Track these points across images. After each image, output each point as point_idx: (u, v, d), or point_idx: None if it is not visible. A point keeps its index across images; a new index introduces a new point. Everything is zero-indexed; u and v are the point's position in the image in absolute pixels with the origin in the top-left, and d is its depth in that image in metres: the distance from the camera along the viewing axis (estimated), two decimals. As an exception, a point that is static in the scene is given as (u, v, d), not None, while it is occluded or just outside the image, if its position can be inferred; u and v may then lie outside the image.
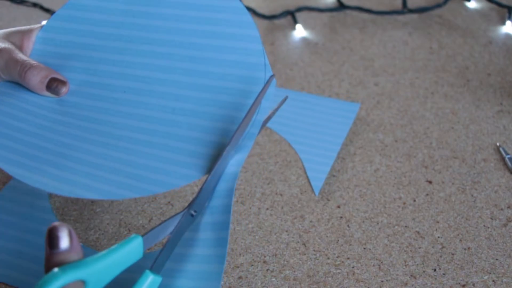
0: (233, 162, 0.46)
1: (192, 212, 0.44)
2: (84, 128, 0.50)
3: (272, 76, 0.48)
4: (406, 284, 0.52)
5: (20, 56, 0.52)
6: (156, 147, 0.47)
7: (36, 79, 0.51)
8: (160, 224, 0.43)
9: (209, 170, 0.45)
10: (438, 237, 0.57)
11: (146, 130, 0.48)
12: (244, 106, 0.47)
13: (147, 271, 0.42)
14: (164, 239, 0.44)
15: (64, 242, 0.38)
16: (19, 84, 0.53)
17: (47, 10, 0.97)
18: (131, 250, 0.40)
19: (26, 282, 0.51)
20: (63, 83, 0.52)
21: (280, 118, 0.70)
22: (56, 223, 0.38)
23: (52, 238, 0.38)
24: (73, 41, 0.54)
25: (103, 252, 0.39)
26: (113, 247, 0.39)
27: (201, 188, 0.45)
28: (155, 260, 0.42)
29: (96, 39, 0.54)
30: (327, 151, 0.65)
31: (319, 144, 0.67)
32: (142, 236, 0.41)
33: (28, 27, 0.56)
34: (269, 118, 0.51)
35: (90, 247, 0.55)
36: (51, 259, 0.37)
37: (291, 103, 0.74)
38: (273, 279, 0.53)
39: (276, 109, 0.53)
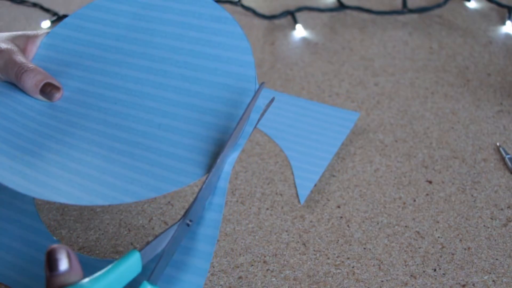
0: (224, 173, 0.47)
1: (188, 221, 0.45)
2: (68, 133, 0.51)
3: (262, 85, 0.48)
4: (406, 284, 0.52)
5: (20, 58, 0.53)
6: (135, 159, 0.48)
7: (32, 82, 0.52)
8: (156, 237, 0.43)
9: (190, 183, 0.46)
10: (438, 237, 0.57)
11: (129, 142, 0.49)
12: (229, 129, 0.48)
13: (145, 282, 0.42)
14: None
15: (63, 264, 0.38)
16: (16, 85, 0.54)
17: (47, 10, 0.97)
18: (130, 266, 0.40)
19: None
20: (57, 88, 0.53)
21: (275, 123, 0.70)
22: (54, 246, 0.38)
23: (51, 261, 0.38)
24: (75, 50, 0.56)
25: (103, 271, 0.39)
26: (112, 265, 0.39)
27: (195, 198, 0.45)
28: (153, 271, 0.43)
29: (97, 49, 0.55)
30: (319, 160, 0.65)
31: (312, 151, 0.66)
32: (140, 251, 0.41)
33: (34, 32, 0.57)
34: (257, 121, 0.52)
35: (90, 247, 0.55)
36: (52, 281, 0.37)
37: (289, 108, 0.73)
38: (273, 279, 0.53)
39: (264, 112, 0.53)
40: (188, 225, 0.45)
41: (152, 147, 0.48)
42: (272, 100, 0.53)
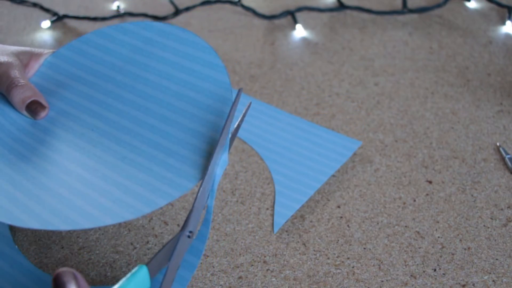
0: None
1: (188, 233, 0.45)
2: (38, 153, 0.51)
3: (240, 90, 0.49)
4: (406, 284, 0.52)
5: (15, 72, 0.55)
6: (90, 188, 0.48)
7: (19, 98, 0.54)
8: (161, 249, 0.43)
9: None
10: (438, 237, 0.57)
11: (92, 169, 0.49)
12: (192, 178, 0.48)
13: None
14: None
15: (71, 286, 0.38)
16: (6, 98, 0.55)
17: (47, 10, 0.97)
18: (139, 281, 0.41)
19: None
20: (43, 107, 0.54)
21: (270, 143, 0.67)
22: (60, 270, 0.38)
23: (58, 285, 0.38)
24: (73, 72, 0.57)
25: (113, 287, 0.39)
26: (121, 283, 0.39)
27: (192, 209, 0.45)
28: (161, 286, 0.43)
29: (92, 76, 0.56)
30: (305, 188, 0.62)
31: (300, 178, 0.63)
32: (147, 264, 0.42)
33: (40, 49, 0.59)
34: (237, 128, 0.52)
35: (90, 247, 0.55)
36: None
37: (288, 128, 0.70)
38: (273, 279, 0.53)
39: (242, 118, 0.52)
40: (189, 237, 0.45)
41: (110, 178, 0.48)
42: (249, 105, 0.53)
